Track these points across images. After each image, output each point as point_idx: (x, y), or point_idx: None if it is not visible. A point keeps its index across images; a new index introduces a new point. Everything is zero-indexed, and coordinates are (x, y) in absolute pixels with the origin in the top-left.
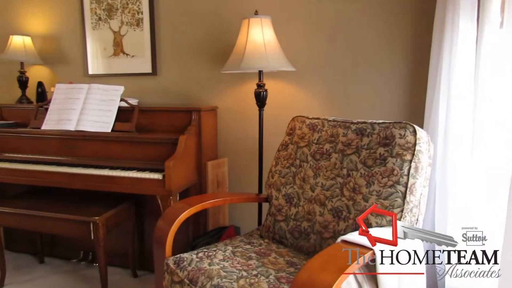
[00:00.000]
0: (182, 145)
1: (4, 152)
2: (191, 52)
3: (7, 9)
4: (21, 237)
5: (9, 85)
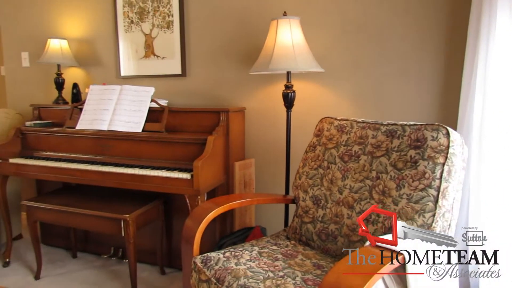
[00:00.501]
0: (210, 146)
1: (41, 150)
2: (219, 53)
3: (45, 14)
4: (56, 232)
5: (47, 87)
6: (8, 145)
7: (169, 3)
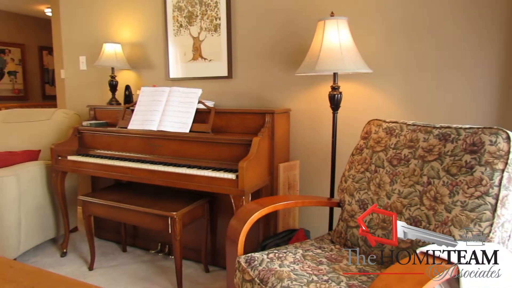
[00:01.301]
0: (255, 147)
1: (96, 149)
2: (265, 55)
3: (101, 21)
4: (108, 227)
5: (102, 88)
6: (67, 143)
7: (217, 7)
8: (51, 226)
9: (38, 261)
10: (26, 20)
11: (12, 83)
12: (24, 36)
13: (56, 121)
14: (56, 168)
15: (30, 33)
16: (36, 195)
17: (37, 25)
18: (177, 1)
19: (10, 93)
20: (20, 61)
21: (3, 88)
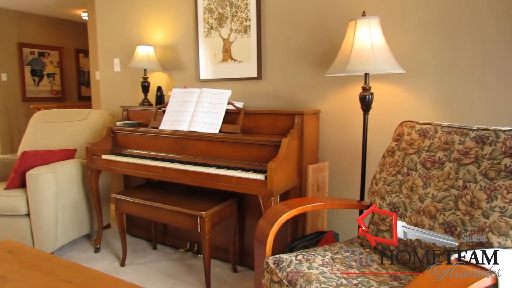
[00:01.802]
0: (284, 148)
1: (129, 148)
2: (295, 56)
3: (135, 24)
4: (139, 224)
5: (134, 90)
6: (101, 142)
7: (247, 8)
8: (86, 223)
9: (73, 255)
10: (64, 24)
11: (50, 84)
12: (62, 40)
13: (91, 121)
14: (90, 167)
15: (67, 36)
16: (72, 192)
17: (74, 29)
18: (208, 3)
19: (49, 94)
20: (58, 64)
21: (43, 89)
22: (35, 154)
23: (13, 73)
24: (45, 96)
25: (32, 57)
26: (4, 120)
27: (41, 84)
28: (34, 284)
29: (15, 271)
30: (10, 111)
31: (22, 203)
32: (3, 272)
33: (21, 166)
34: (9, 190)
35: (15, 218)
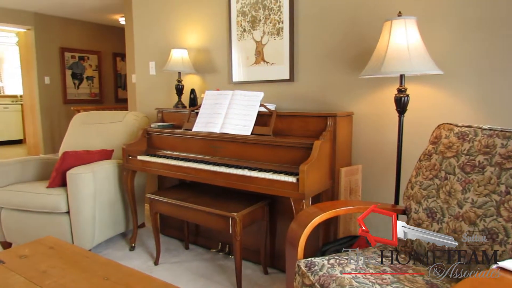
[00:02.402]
0: (316, 150)
1: (163, 149)
2: (328, 58)
3: (169, 28)
4: (172, 224)
5: (169, 92)
6: (137, 144)
7: (280, 11)
8: (121, 221)
9: (109, 253)
10: (103, 29)
11: (89, 87)
12: (100, 44)
13: (128, 123)
14: (126, 167)
15: (105, 41)
16: (109, 191)
17: (112, 33)
18: (241, 7)
19: (88, 96)
20: (97, 67)
21: (82, 92)
22: (75, 154)
23: (55, 76)
24: (84, 98)
25: (73, 61)
26: (46, 121)
27: (80, 87)
28: (73, 279)
29: (56, 267)
30: (52, 113)
31: (62, 201)
32: (44, 267)
33: (62, 166)
34: (51, 189)
35: (56, 216)
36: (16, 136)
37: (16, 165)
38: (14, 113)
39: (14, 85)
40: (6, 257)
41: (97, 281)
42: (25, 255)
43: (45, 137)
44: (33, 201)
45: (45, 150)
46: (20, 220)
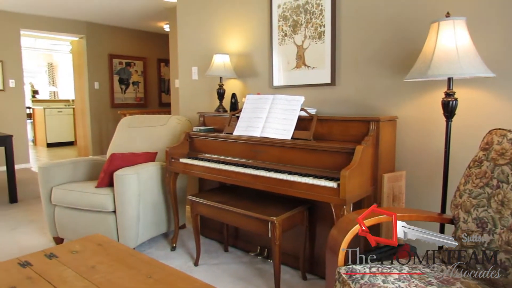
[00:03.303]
0: (358, 155)
1: (204, 153)
2: (371, 61)
3: (212, 34)
4: (212, 226)
5: (210, 96)
6: (179, 147)
7: (322, 14)
8: (163, 222)
9: (152, 252)
10: (148, 36)
11: (135, 92)
12: (146, 50)
13: (171, 127)
14: (169, 169)
15: (150, 47)
16: (152, 192)
17: (157, 40)
18: (283, 11)
19: (133, 101)
20: (142, 73)
21: (128, 97)
22: (122, 156)
23: (104, 82)
24: (130, 102)
25: (120, 67)
26: (95, 124)
27: (127, 91)
28: (119, 276)
29: (103, 263)
30: (101, 117)
31: (109, 201)
32: (93, 263)
33: (110, 167)
34: (99, 188)
35: (103, 214)
36: (68, 138)
37: (69, 166)
38: (67, 117)
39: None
40: (59, 252)
41: (141, 279)
42: (76, 250)
43: (93, 139)
44: (83, 200)
45: (93, 152)
46: (71, 217)
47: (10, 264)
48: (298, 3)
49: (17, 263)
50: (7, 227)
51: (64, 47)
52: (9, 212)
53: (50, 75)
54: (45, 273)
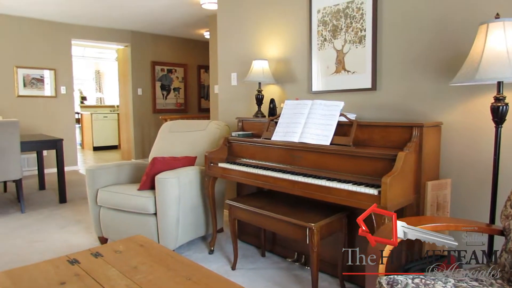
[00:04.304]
0: (400, 162)
1: (242, 158)
2: (414, 64)
3: (251, 40)
4: (249, 231)
5: (249, 102)
6: (218, 151)
7: (362, 18)
8: (202, 225)
9: (190, 255)
10: (189, 43)
11: (176, 97)
12: (186, 57)
13: (210, 132)
14: (208, 173)
15: (191, 54)
16: (191, 196)
17: (197, 47)
18: (322, 16)
19: (174, 106)
20: (183, 79)
21: (169, 102)
22: (163, 160)
23: (147, 88)
24: (170, 108)
25: (162, 74)
26: (138, 129)
27: (168, 97)
28: (160, 276)
29: (145, 264)
30: (143, 121)
31: (151, 203)
32: (135, 263)
33: (152, 170)
34: (141, 191)
35: (145, 216)
36: (112, 142)
37: (114, 169)
38: (112, 122)
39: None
40: (104, 251)
41: (180, 280)
42: (120, 250)
43: (136, 143)
44: (126, 201)
45: (136, 155)
46: (115, 218)
47: (60, 261)
48: (338, 7)
49: (66, 260)
50: (57, 226)
51: (110, 55)
52: (59, 211)
53: (97, 82)
54: (91, 271)
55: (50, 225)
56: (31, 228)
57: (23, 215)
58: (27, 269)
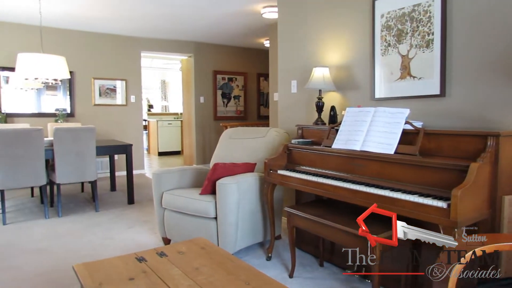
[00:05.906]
0: (473, 174)
1: (301, 165)
2: (489, 69)
3: (311, 47)
4: (307, 239)
5: (309, 109)
6: (278, 158)
7: (430, 21)
8: (260, 231)
9: (248, 260)
10: (248, 52)
11: (236, 105)
12: (246, 66)
13: (269, 139)
14: (267, 180)
15: (251, 63)
16: (250, 202)
17: (257, 55)
18: (386, 21)
19: (234, 113)
20: (243, 87)
21: (229, 110)
22: (224, 166)
23: (208, 96)
24: (230, 115)
25: (223, 82)
26: (199, 135)
27: (228, 105)
28: (220, 279)
29: (206, 266)
30: (204, 128)
31: (211, 207)
32: (197, 264)
33: (213, 176)
34: (203, 195)
35: (205, 220)
36: (176, 147)
37: (177, 173)
38: (175, 128)
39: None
40: (169, 251)
41: (239, 284)
42: (183, 251)
43: (198, 149)
44: (189, 205)
45: (197, 161)
46: (178, 220)
47: (129, 258)
48: (404, 11)
49: (135, 258)
50: (125, 225)
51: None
52: (127, 212)
53: (162, 90)
54: (157, 269)
55: (119, 224)
56: (103, 226)
57: (97, 214)
58: (102, 263)
